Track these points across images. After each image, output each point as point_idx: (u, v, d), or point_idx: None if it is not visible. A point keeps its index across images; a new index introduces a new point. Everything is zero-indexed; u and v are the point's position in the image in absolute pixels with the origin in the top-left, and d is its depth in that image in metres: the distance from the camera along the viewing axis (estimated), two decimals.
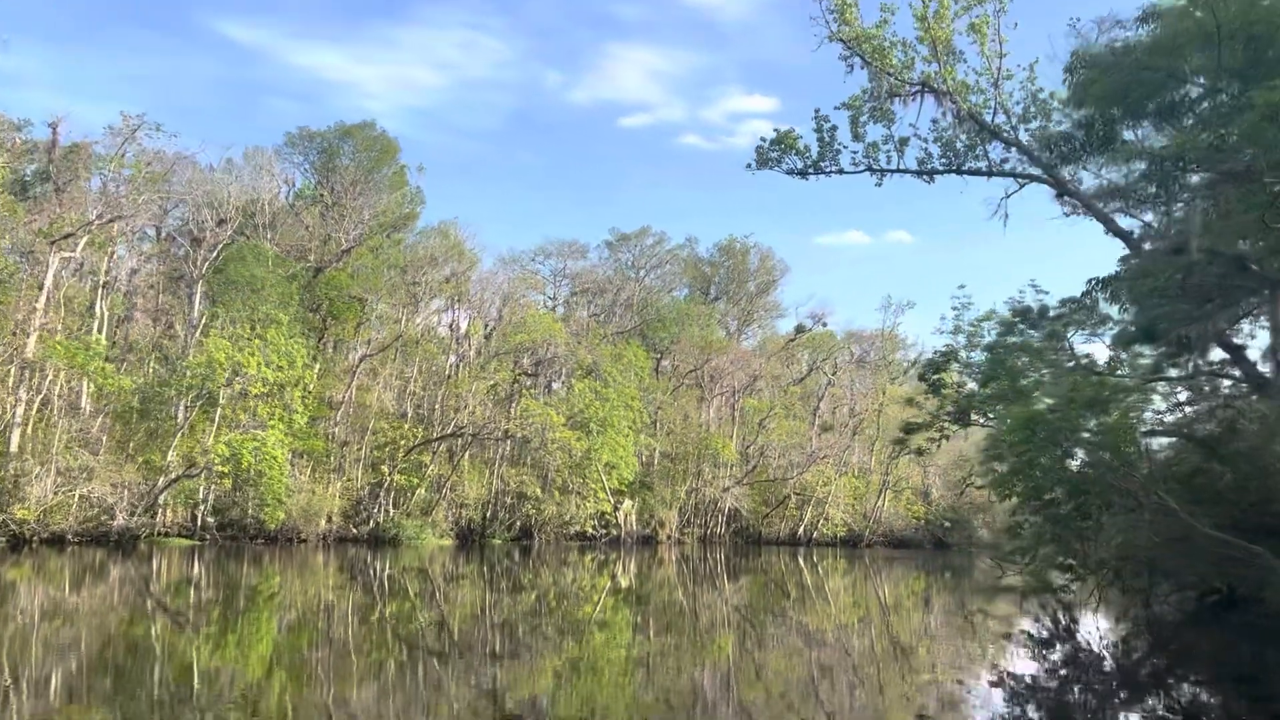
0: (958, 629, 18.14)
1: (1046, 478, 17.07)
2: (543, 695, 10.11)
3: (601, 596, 22.33)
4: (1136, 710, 10.45)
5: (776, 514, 59.85)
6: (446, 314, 49.86)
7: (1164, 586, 17.76)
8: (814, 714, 9.70)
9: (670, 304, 64.85)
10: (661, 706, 9.87)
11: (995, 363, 22.90)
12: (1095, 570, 17.97)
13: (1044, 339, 21.91)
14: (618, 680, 11.38)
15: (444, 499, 42.01)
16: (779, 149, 20.15)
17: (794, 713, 9.64)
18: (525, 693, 10.22)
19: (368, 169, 47.60)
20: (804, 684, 11.50)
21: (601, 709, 9.66)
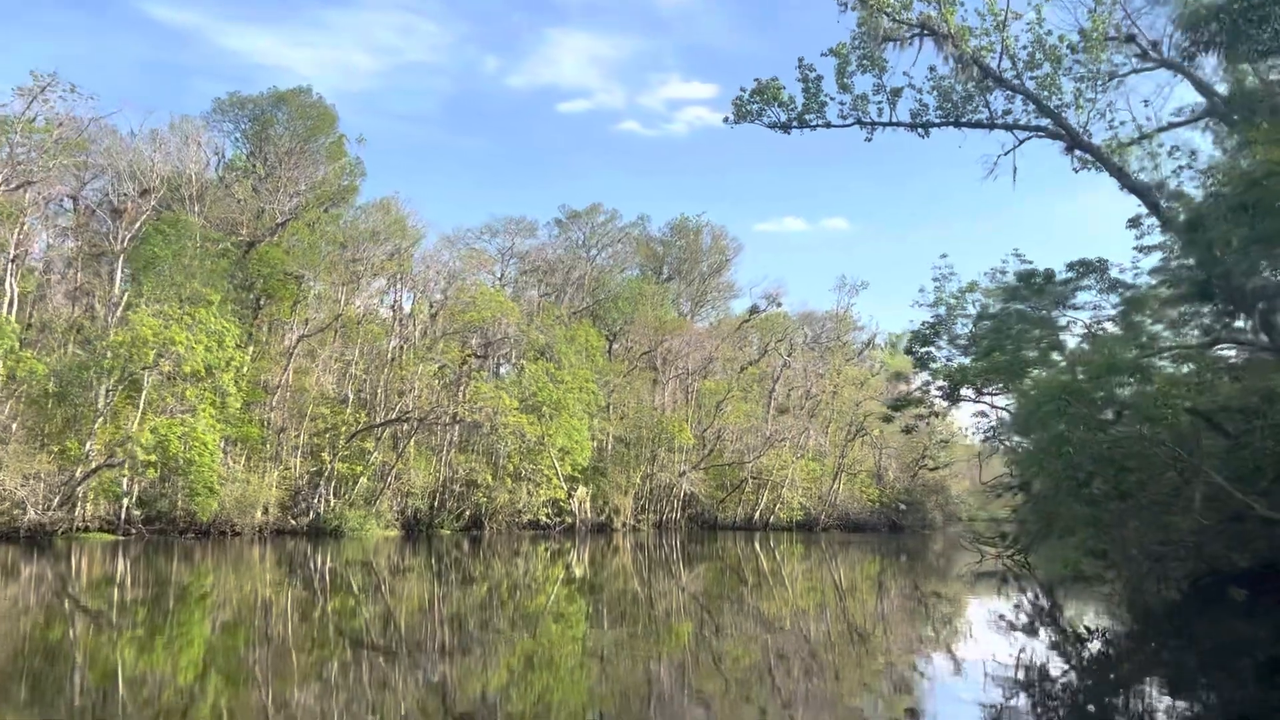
0: (930, 615, 18.55)
1: (1080, 454, 15.36)
2: (495, 692, 10.03)
3: (555, 587, 22.29)
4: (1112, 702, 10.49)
5: (733, 498, 60.54)
6: (389, 294, 49.01)
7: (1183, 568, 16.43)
8: (771, 703, 9.82)
9: (623, 283, 64.74)
10: (618, 699, 9.88)
11: (998, 332, 22.29)
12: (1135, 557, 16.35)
13: (1050, 306, 21.40)
14: (573, 674, 11.36)
15: (389, 488, 41.40)
16: (759, 100, 19.04)
17: (752, 703, 9.75)
18: (476, 689, 10.12)
19: (303, 138, 46.18)
20: (762, 672, 11.64)
21: (557, 705, 9.62)
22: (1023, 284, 22.39)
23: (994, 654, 12.72)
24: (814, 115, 19.05)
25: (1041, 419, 16.29)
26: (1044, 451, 16.56)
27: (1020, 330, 22.02)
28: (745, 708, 9.58)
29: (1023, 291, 22.37)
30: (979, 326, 24.89)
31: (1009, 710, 9.34)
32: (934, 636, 15.11)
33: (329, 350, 42.64)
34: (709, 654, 13.11)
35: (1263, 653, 12.82)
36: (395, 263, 45.88)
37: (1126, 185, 18.63)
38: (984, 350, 23.38)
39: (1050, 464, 16.20)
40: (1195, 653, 13.23)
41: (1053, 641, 14.64)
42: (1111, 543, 16.52)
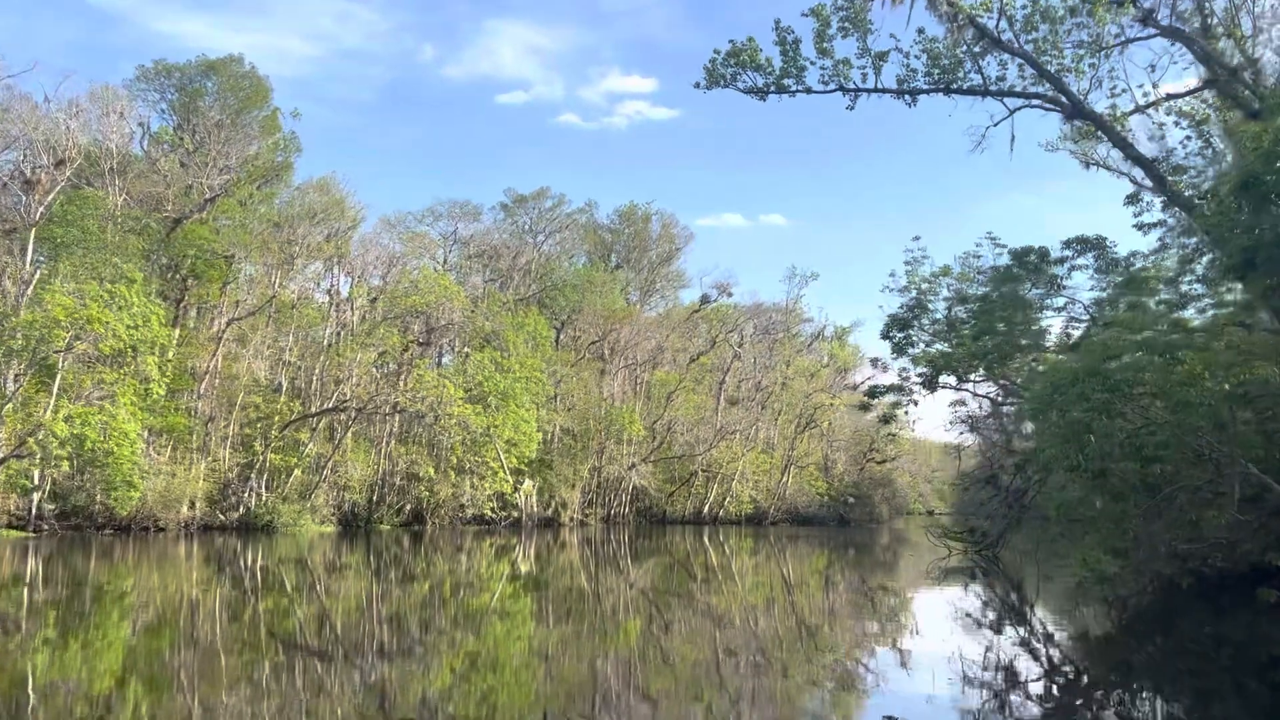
0: (878, 609, 18.90)
1: (1105, 444, 14.32)
2: (437, 694, 9.88)
3: (500, 584, 22.11)
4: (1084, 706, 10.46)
5: (682, 492, 60.94)
6: (326, 278, 47.89)
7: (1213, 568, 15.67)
8: (719, 701, 9.88)
9: (571, 270, 64.44)
10: (564, 700, 9.83)
11: (987, 314, 21.83)
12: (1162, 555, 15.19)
13: (1045, 286, 21.02)
14: (518, 674, 11.27)
15: (325, 481, 40.55)
16: (734, 64, 18.17)
17: (700, 701, 9.79)
18: (417, 692, 9.96)
19: (235, 111, 44.68)
20: (710, 669, 11.71)
21: (501, 706, 9.53)
22: (1016, 262, 21.96)
23: (958, 651, 12.60)
24: (793, 80, 18.20)
25: (1059, 405, 15.29)
26: (1063, 440, 15.32)
27: (1013, 312, 21.53)
28: (693, 706, 9.62)
29: (1015, 270, 21.98)
30: (957, 310, 24.64)
31: (969, 711, 9.47)
32: (886, 632, 15.39)
33: (261, 335, 41.49)
34: (657, 651, 13.14)
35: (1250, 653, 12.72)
36: (333, 245, 44.85)
37: (1130, 156, 18.15)
38: (974, 332, 22.87)
39: (1069, 453, 14.95)
40: (1177, 653, 13.06)
41: (1021, 639, 14.62)
42: (1134, 540, 15.24)
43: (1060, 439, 15.29)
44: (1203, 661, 12.47)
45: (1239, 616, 14.91)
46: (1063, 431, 15.27)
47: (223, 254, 39.31)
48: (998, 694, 10.33)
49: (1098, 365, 14.97)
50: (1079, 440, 14.54)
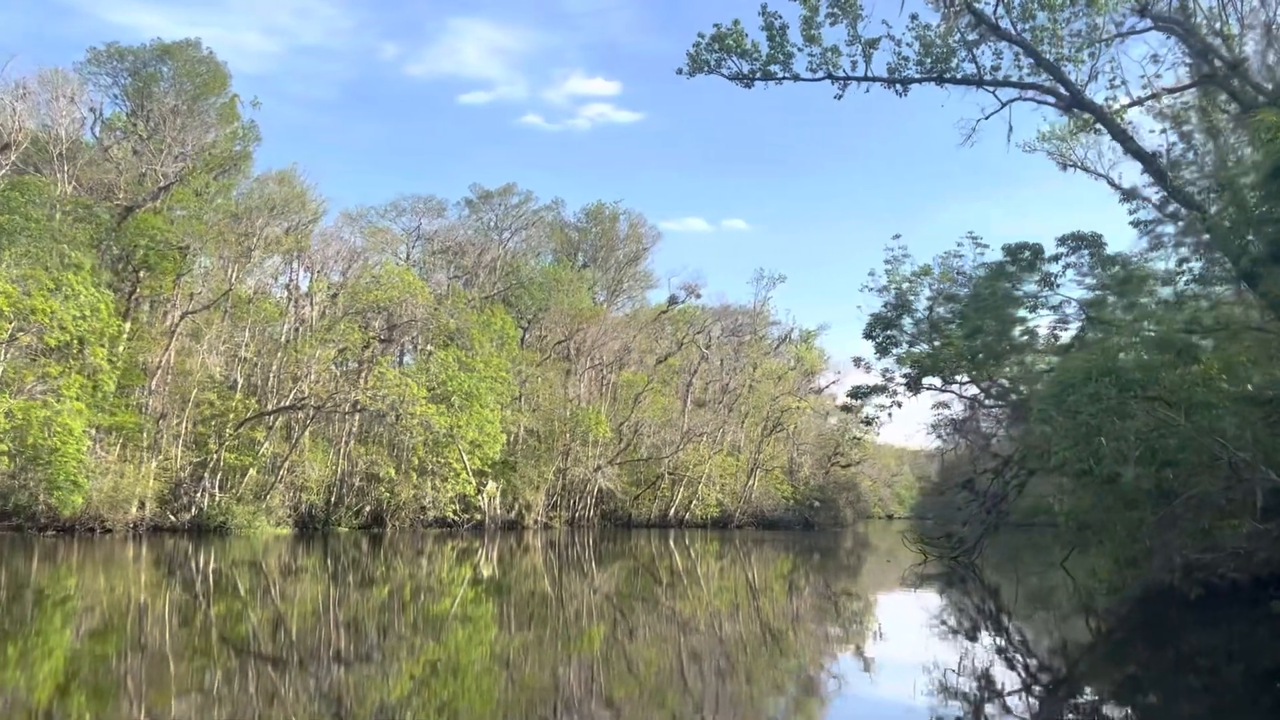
0: (841, 614, 19.07)
1: (1121, 447, 13.47)
2: (396, 702, 9.78)
3: (462, 589, 21.93)
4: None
5: (648, 495, 61.00)
6: (285, 272, 47.14)
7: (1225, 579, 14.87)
8: (683, 708, 9.89)
9: (537, 269, 64.19)
10: (525, 708, 9.79)
11: (979, 312, 21.56)
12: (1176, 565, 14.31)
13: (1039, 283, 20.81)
14: (479, 681, 11.20)
15: (281, 482, 39.92)
16: (718, 49, 17.71)
17: (665, 709, 9.80)
18: (375, 700, 9.84)
19: (191, 97, 43.75)
20: (674, 676, 11.73)
21: (462, 714, 9.46)
22: (1010, 259, 21.73)
23: (932, 659, 12.54)
24: (780, 67, 17.74)
25: (1070, 405, 14.61)
26: (1074, 442, 14.59)
27: (1006, 310, 21.29)
28: (657, 714, 9.62)
29: (1008, 267, 21.74)
30: (939, 310, 24.25)
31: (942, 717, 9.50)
32: (852, 639, 15.54)
33: (216, 330, 40.70)
34: (622, 657, 13.13)
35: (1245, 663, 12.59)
36: (293, 238, 44.18)
37: (1129, 149, 17.87)
38: (967, 331, 22.62)
39: (1082, 456, 14.24)
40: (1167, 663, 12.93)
41: (998, 647, 14.63)
42: (1146, 550, 14.43)
43: (1072, 441, 14.55)
44: (1210, 676, 12.19)
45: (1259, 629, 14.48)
46: (1074, 433, 14.56)
47: (177, 245, 38.48)
48: (978, 705, 10.26)
49: (1111, 364, 14.31)
50: (1090, 442, 13.89)
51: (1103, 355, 15.28)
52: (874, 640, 15.18)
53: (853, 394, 28.31)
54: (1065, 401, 14.68)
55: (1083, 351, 18.21)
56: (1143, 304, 19.26)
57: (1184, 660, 12.99)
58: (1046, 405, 15.50)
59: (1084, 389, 14.22)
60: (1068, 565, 24.29)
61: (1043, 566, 28.45)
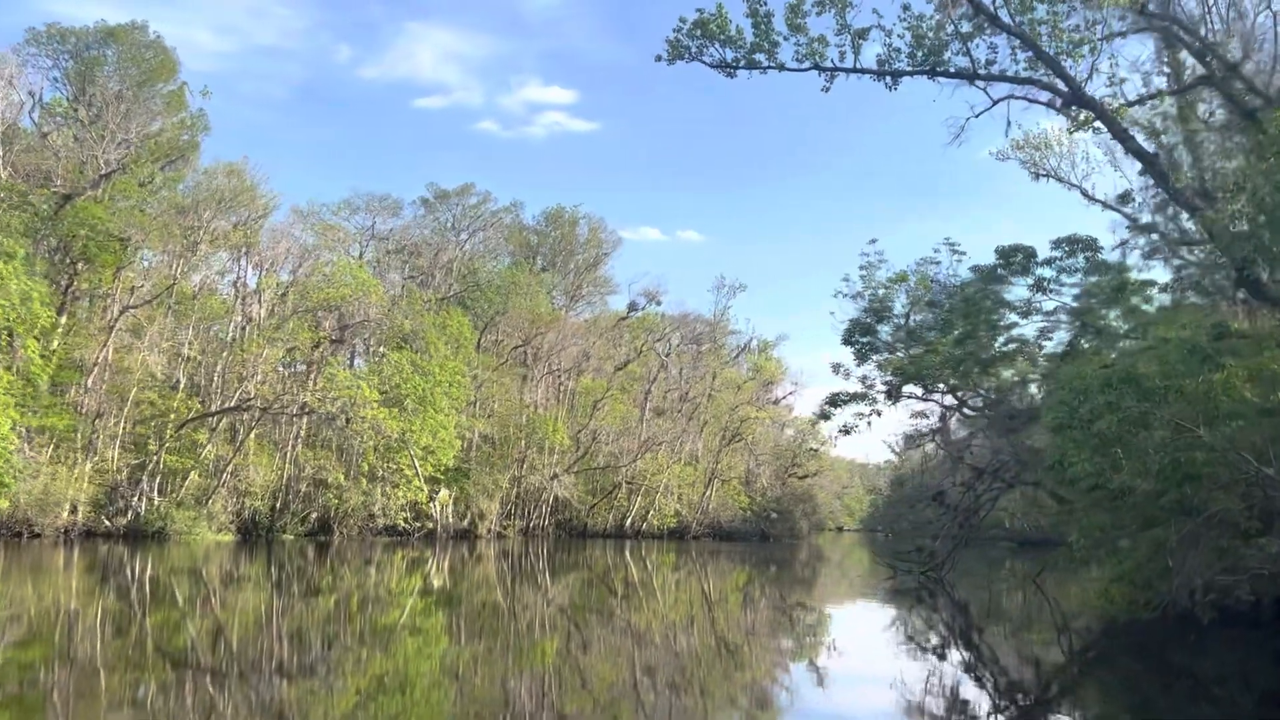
0: (795, 628, 19.25)
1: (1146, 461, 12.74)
2: (341, 717, 9.67)
3: (411, 599, 21.69)
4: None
5: (604, 504, 60.95)
6: (233, 269, 46.26)
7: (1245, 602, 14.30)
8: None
9: (495, 271, 63.86)
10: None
11: (968, 317, 21.13)
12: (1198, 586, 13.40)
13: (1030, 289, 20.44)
14: (428, 694, 11.12)
15: (224, 486, 39.15)
16: (700, 35, 17.25)
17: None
18: (320, 714, 9.72)
19: (137, 82, 42.73)
20: (628, 690, 11.77)
21: None
22: (1002, 262, 21.54)
23: (901, 678, 12.47)
24: (765, 55, 17.32)
25: (1085, 415, 13.86)
26: (1093, 453, 13.69)
27: (996, 315, 21.11)
28: None
29: (1000, 271, 21.56)
30: (917, 317, 24.02)
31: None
32: (809, 652, 15.71)
33: (159, 327, 39.80)
34: (575, 671, 13.12)
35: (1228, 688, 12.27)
36: (241, 233, 43.40)
37: (1131, 149, 17.61)
38: (959, 336, 22.33)
39: (1102, 469, 13.41)
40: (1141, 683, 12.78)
41: (966, 664, 14.62)
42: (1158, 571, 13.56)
43: (1090, 452, 13.72)
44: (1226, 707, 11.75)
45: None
46: (1087, 443, 13.82)
47: (118, 236, 37.55)
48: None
49: (1132, 371, 13.62)
50: (1107, 454, 13.28)
51: (1123, 361, 14.70)
52: (832, 656, 15.36)
53: (831, 401, 27.65)
54: (1079, 410, 13.99)
55: (1095, 358, 17.83)
56: (1144, 311, 19.01)
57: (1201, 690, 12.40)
58: (1060, 414, 14.70)
59: (1100, 397, 13.58)
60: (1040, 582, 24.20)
61: (1019, 582, 28.52)
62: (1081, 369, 15.19)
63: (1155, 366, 13.53)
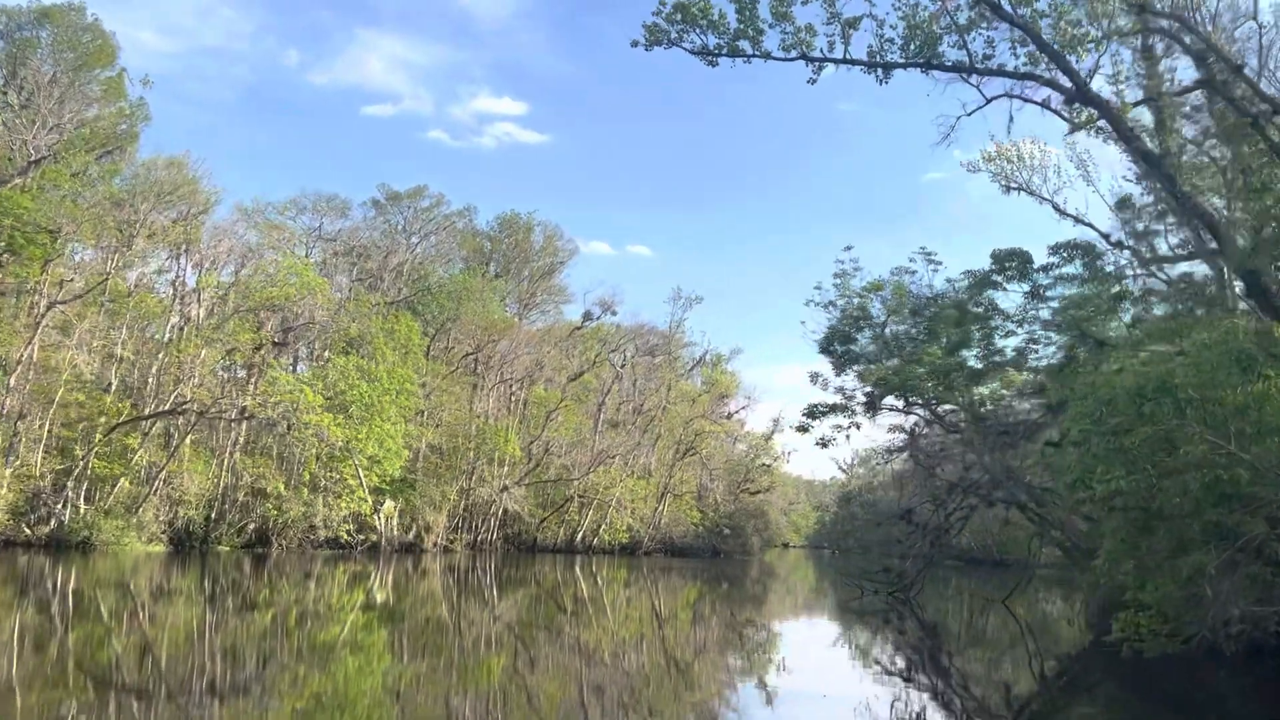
0: (744, 646, 19.33)
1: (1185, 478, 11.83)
2: None
3: (353, 614, 21.32)
4: None
5: (555, 518, 60.59)
6: (171, 267, 45.14)
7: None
8: None
9: (447, 276, 63.32)
10: None
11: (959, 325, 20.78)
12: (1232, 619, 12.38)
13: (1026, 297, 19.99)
14: (369, 715, 10.94)
15: (156, 494, 38.08)
16: (681, 20, 16.67)
17: None
18: None
19: (73, 67, 41.58)
20: (576, 709, 11.70)
21: None
22: (996, 267, 21.16)
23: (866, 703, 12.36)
24: (749, 43, 16.86)
25: (1113, 428, 13.00)
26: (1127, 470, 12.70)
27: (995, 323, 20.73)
28: None
29: (994, 277, 21.22)
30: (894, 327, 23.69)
31: None
32: (762, 672, 15.78)
33: (90, 324, 38.64)
34: (522, 689, 13.02)
35: None
36: (180, 228, 42.41)
37: (1136, 152, 17.26)
38: (949, 347, 21.93)
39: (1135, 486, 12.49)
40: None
41: (934, 690, 14.54)
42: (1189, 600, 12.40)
43: (1124, 469, 12.72)
44: None
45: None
46: (1113, 459, 12.91)
47: (46, 227, 36.43)
48: None
49: (1168, 379, 12.69)
50: (1141, 471, 12.33)
51: (1156, 367, 13.74)
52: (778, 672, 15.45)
53: (809, 413, 26.88)
54: (1109, 423, 13.09)
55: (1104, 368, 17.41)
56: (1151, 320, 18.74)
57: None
58: (1086, 427, 13.65)
59: (1130, 408, 12.74)
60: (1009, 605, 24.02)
61: (983, 604, 28.66)
62: (1110, 378, 14.34)
63: (1192, 376, 12.62)
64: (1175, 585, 12.38)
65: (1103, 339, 18.35)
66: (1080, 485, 13.65)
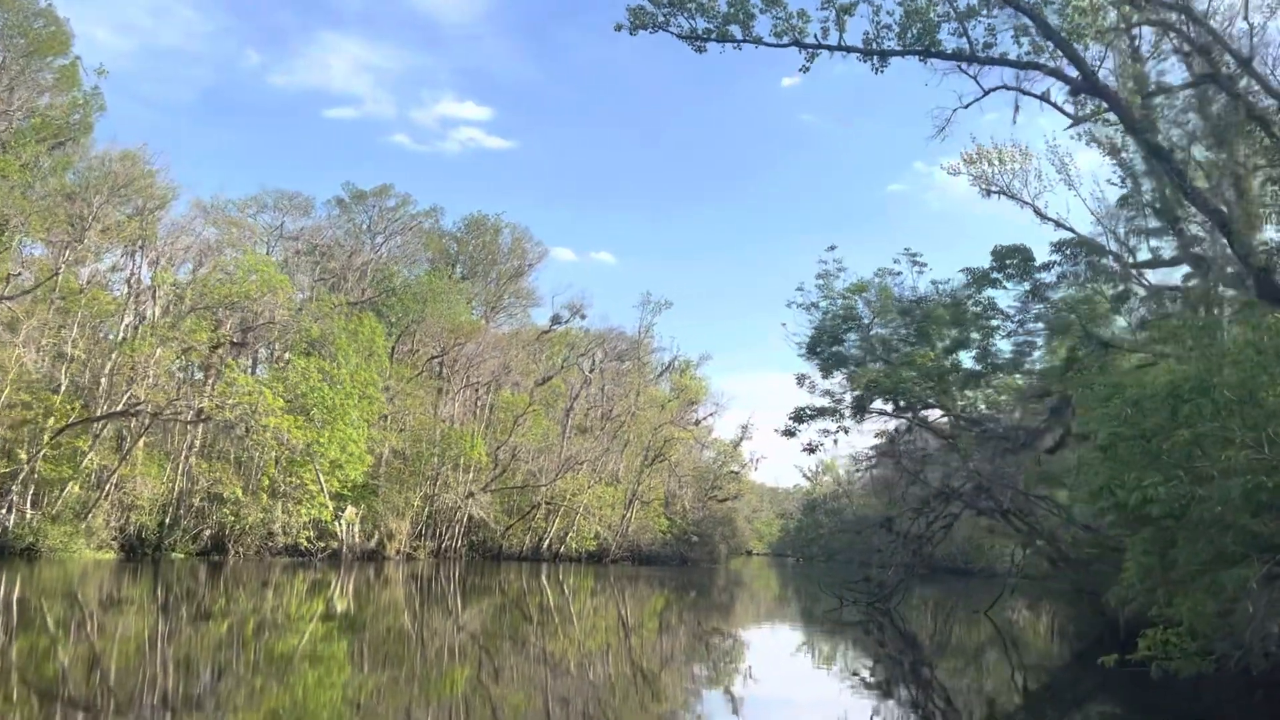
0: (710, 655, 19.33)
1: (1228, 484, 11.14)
2: None
3: (312, 625, 21.03)
4: None
5: (521, 525, 60.23)
6: (125, 263, 44.26)
7: None
8: None
9: (412, 278, 62.85)
10: None
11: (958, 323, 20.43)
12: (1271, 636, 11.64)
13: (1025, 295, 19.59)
14: None
15: (107, 499, 37.27)
16: (669, 2, 16.13)
17: None
18: None
19: (24, 53, 40.64)
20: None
21: None
22: (996, 265, 20.82)
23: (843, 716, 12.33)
24: (739, 27, 16.39)
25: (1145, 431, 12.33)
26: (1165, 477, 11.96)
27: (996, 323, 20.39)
28: None
29: (994, 275, 20.92)
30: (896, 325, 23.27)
31: None
32: (731, 683, 15.78)
33: (38, 321, 37.76)
34: (484, 702, 12.91)
35: None
36: (136, 223, 41.60)
37: (1145, 145, 16.86)
38: (948, 347, 21.56)
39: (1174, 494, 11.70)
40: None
41: (914, 702, 14.57)
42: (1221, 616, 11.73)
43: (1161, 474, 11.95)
44: None
45: None
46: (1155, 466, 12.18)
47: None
48: None
49: (1209, 378, 12.07)
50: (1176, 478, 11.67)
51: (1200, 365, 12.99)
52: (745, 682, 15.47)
53: (796, 416, 26.34)
54: (1142, 425, 12.42)
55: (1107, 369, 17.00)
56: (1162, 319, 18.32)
57: None
58: (1115, 429, 12.81)
59: (1162, 410, 12.13)
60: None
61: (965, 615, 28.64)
62: (1137, 378, 13.63)
63: (1232, 375, 12.00)
64: (1211, 600, 11.74)
65: (1107, 340, 17.97)
66: (1105, 493, 12.75)
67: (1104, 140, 19.65)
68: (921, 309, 23.08)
